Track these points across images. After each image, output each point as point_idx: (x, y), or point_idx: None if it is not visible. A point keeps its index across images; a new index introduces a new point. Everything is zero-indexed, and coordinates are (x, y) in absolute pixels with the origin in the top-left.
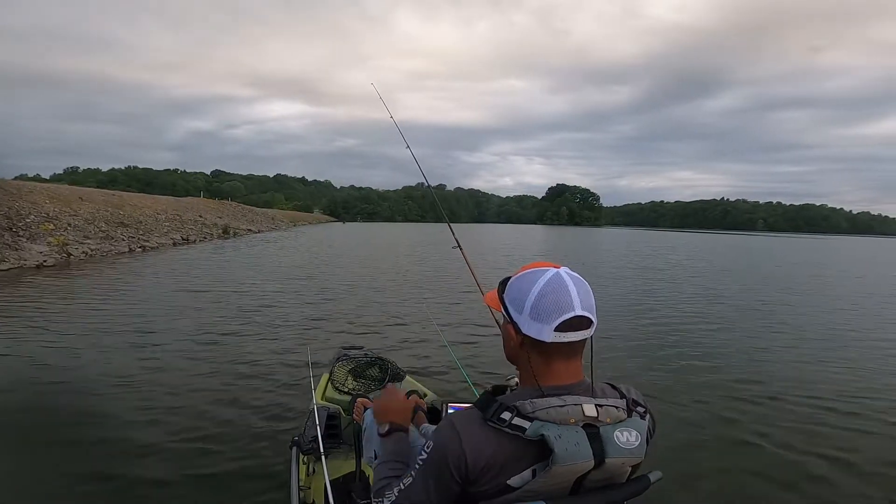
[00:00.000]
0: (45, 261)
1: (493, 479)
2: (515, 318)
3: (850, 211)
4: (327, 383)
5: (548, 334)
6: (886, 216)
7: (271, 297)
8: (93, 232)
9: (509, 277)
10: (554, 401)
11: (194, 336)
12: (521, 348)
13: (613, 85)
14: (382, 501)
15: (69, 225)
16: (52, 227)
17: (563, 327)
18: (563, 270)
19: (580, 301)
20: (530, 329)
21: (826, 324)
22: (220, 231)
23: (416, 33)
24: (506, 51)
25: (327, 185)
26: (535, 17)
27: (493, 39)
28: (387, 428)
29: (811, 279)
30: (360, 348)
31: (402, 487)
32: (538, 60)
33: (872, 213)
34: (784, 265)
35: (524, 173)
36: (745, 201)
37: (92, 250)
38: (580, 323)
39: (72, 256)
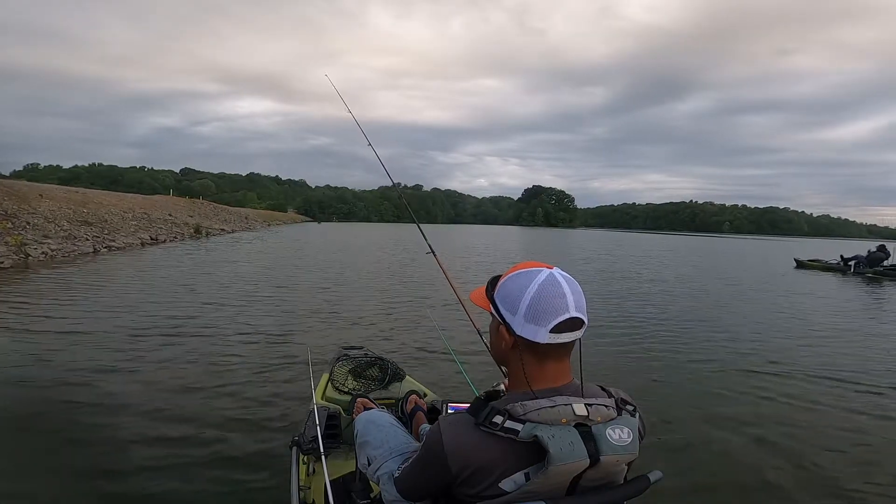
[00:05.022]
0: (1, 262)
1: (487, 482)
2: (508, 320)
3: (811, 214)
4: (327, 383)
5: (543, 336)
6: (847, 219)
7: (267, 296)
8: (53, 231)
9: (499, 276)
10: (544, 402)
11: (188, 336)
12: (514, 350)
13: (587, 86)
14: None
15: (28, 223)
16: (9, 225)
17: (558, 329)
18: (556, 271)
19: (574, 302)
20: (524, 331)
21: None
22: (192, 231)
23: (389, 30)
24: (481, 50)
25: (302, 185)
26: (512, 16)
27: (468, 38)
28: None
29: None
30: (360, 348)
31: (398, 475)
32: (513, 60)
33: (832, 216)
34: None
35: (499, 174)
36: (712, 204)
37: (53, 250)
38: (573, 324)
39: (30, 257)
